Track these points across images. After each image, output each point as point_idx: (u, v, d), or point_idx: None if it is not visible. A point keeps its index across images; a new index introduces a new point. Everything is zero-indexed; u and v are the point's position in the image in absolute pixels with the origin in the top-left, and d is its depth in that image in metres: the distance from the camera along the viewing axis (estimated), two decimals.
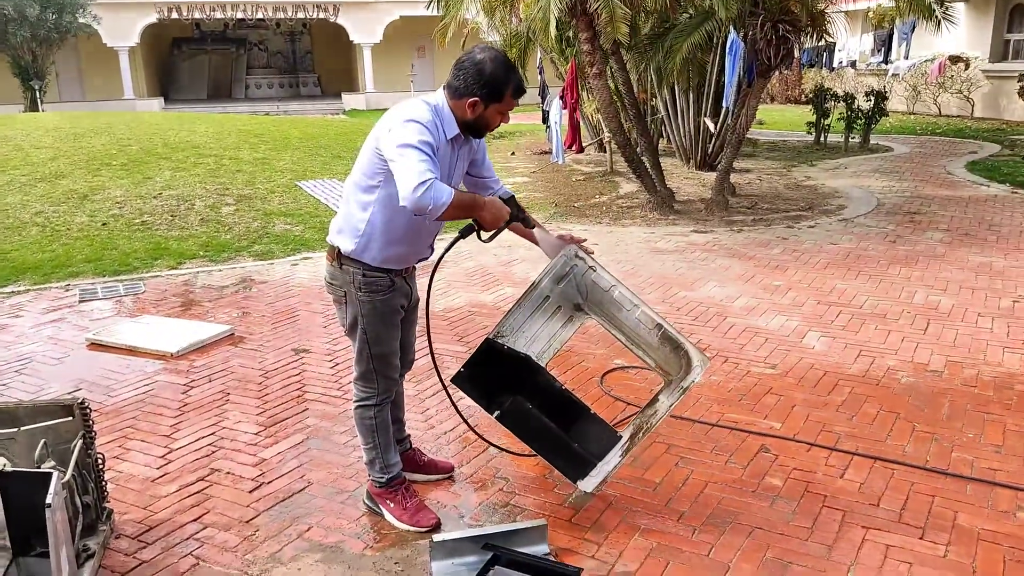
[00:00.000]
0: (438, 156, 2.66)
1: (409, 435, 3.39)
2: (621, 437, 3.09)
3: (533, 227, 2.97)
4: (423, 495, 3.18)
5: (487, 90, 2.67)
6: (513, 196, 2.91)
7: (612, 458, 3.07)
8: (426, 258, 2.99)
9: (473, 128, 2.78)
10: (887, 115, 14.06)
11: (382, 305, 2.87)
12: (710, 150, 11.38)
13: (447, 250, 2.96)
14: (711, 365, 4.48)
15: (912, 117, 18.40)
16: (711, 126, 11.00)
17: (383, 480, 3.04)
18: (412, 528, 2.96)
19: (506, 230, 2.86)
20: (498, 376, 3.04)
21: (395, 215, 2.76)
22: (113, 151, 10.73)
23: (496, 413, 3.02)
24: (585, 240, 3.07)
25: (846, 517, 3.03)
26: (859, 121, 13.24)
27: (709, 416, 3.87)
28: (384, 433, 3.03)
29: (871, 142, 13.54)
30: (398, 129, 2.61)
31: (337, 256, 2.86)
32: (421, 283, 3.10)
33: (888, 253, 6.82)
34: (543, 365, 3.13)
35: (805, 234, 7.60)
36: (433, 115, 2.68)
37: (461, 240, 2.87)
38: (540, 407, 3.06)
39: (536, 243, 3.05)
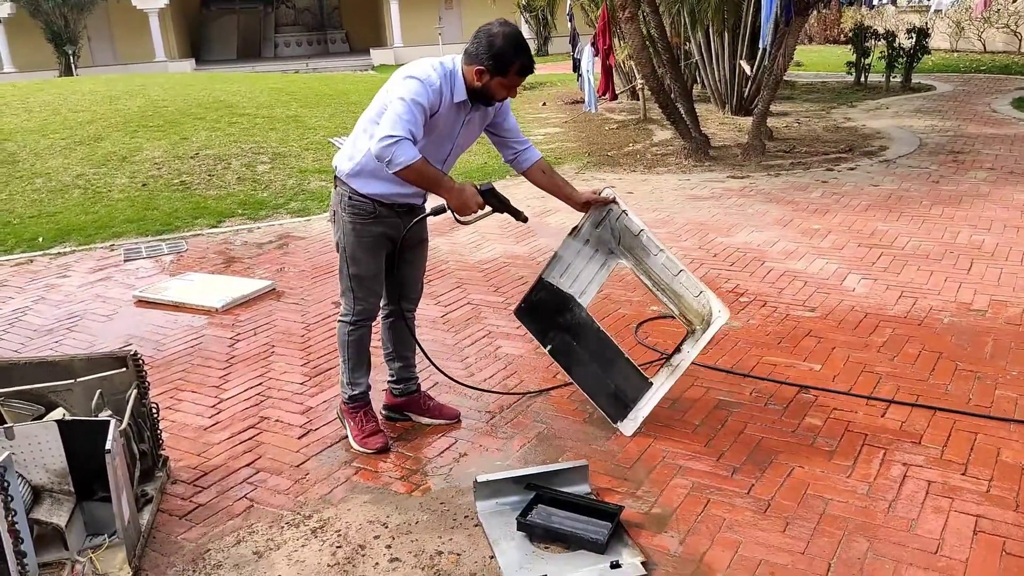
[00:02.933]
0: (437, 117, 2.83)
1: (416, 377, 3.46)
2: (651, 384, 3.19)
3: (524, 220, 3.08)
4: (470, 437, 3.26)
5: (492, 62, 2.78)
6: (492, 188, 2.95)
7: (645, 405, 3.20)
8: (417, 204, 3.10)
9: (479, 96, 2.88)
10: (929, 53, 13.63)
11: (362, 228, 3.01)
12: (746, 94, 11.16)
13: (416, 221, 3.09)
14: (749, 309, 4.47)
15: (955, 54, 17.81)
16: (747, 69, 10.76)
17: (347, 396, 3.24)
18: (361, 449, 3.16)
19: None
20: (545, 314, 3.23)
21: None
22: (149, 113, 10.84)
23: (548, 347, 3.21)
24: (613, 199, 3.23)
25: (887, 455, 3.04)
26: (900, 60, 12.86)
27: (747, 360, 3.88)
28: (356, 352, 3.18)
29: (913, 81, 13.15)
30: (400, 83, 2.80)
31: (335, 178, 3.06)
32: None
33: (931, 193, 6.68)
34: (584, 306, 3.24)
35: (845, 176, 7.46)
36: (440, 77, 2.81)
37: (432, 216, 3.03)
38: (581, 347, 3.22)
39: (571, 204, 3.24)
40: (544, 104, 13.51)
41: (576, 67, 13.14)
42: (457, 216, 2.91)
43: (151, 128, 10.03)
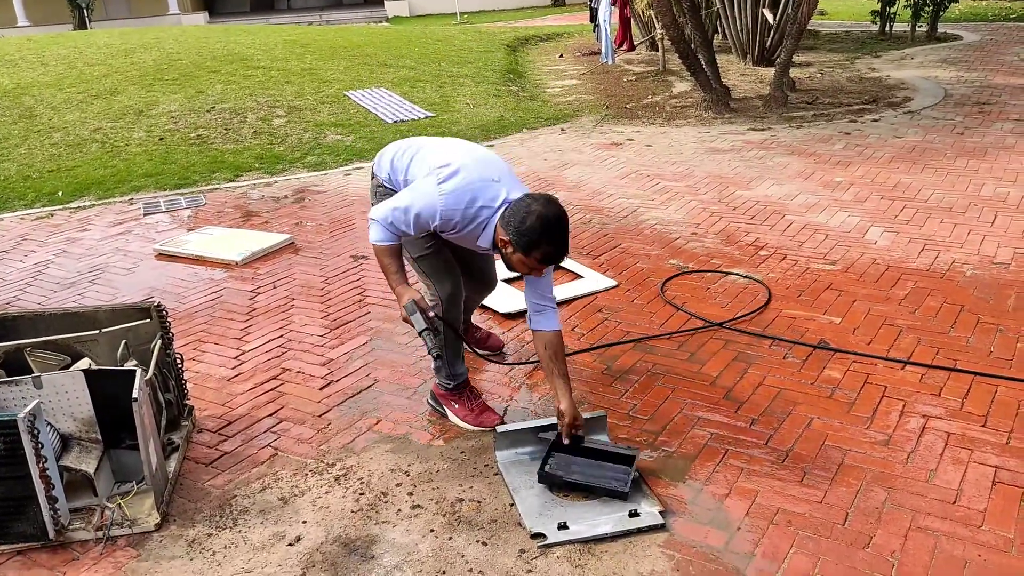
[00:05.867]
0: (448, 238, 2.81)
1: (469, 319, 3.53)
2: None
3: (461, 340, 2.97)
4: (488, 388, 3.29)
5: (518, 237, 2.59)
6: (413, 305, 2.74)
7: None
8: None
9: (502, 257, 2.74)
10: (957, 1, 13.26)
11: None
12: (768, 44, 10.92)
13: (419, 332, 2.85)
14: (769, 262, 4.44)
15: (984, 3, 17.31)
16: (770, 17, 10.53)
17: (450, 386, 3.10)
18: (476, 428, 3.03)
19: None
20: None
21: None
22: (164, 66, 10.78)
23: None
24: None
25: (906, 407, 3.04)
26: (927, 8, 12.52)
27: (766, 313, 3.87)
28: (453, 344, 3.04)
29: (939, 30, 12.83)
30: (424, 181, 2.74)
31: (372, 176, 3.10)
32: None
33: (955, 145, 6.57)
34: None
35: (869, 128, 7.34)
36: (460, 217, 2.68)
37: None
38: None
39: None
40: (561, 56, 13.32)
41: (593, 17, 12.92)
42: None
43: (167, 81, 9.99)
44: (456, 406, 3.11)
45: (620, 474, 2.68)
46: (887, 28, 13.13)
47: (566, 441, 2.77)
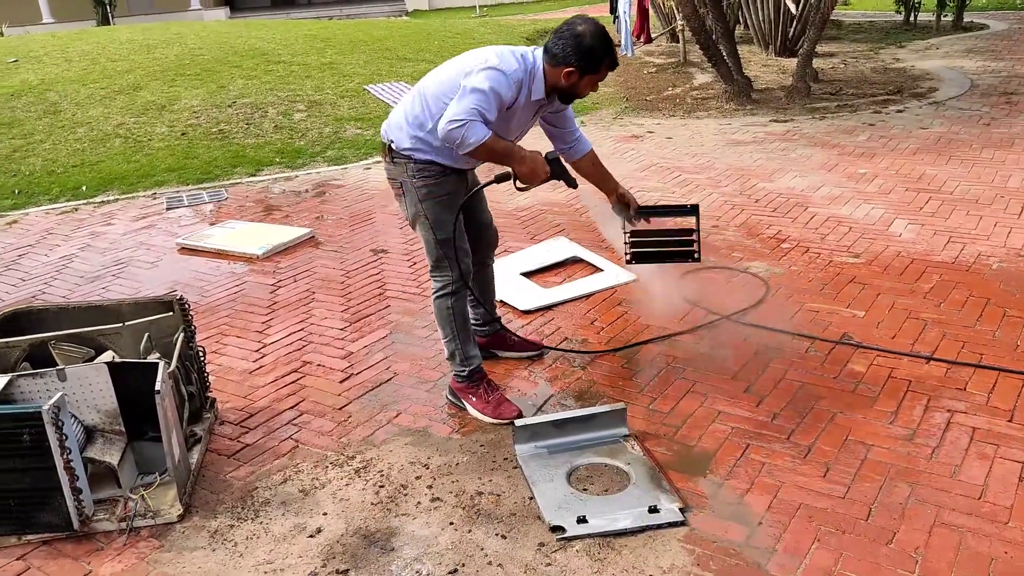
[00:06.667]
0: (511, 111, 2.81)
1: (500, 317, 3.52)
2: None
3: (575, 187, 3.04)
4: (507, 382, 3.28)
5: (584, 61, 2.77)
6: (558, 157, 2.95)
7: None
8: (473, 167, 3.11)
9: (564, 94, 2.89)
10: None
11: (436, 188, 2.94)
12: (791, 34, 10.80)
13: (480, 188, 3.08)
14: (791, 255, 4.40)
15: None
16: (792, 7, 10.40)
17: (464, 374, 3.11)
18: (495, 421, 3.04)
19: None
20: None
21: None
22: (186, 61, 10.85)
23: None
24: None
25: (931, 402, 3.00)
26: None
27: (788, 306, 3.83)
28: (462, 325, 3.08)
29: (965, 20, 12.63)
30: (480, 72, 2.74)
31: (389, 151, 2.97)
32: None
33: (982, 136, 6.46)
34: None
35: (893, 119, 7.24)
36: (523, 73, 2.79)
37: (495, 184, 2.99)
38: None
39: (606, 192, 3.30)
40: None
41: (613, 8, 12.83)
42: (519, 184, 2.91)
43: (188, 77, 10.05)
44: (474, 399, 3.11)
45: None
46: (912, 17, 12.95)
47: (637, 222, 3.26)
